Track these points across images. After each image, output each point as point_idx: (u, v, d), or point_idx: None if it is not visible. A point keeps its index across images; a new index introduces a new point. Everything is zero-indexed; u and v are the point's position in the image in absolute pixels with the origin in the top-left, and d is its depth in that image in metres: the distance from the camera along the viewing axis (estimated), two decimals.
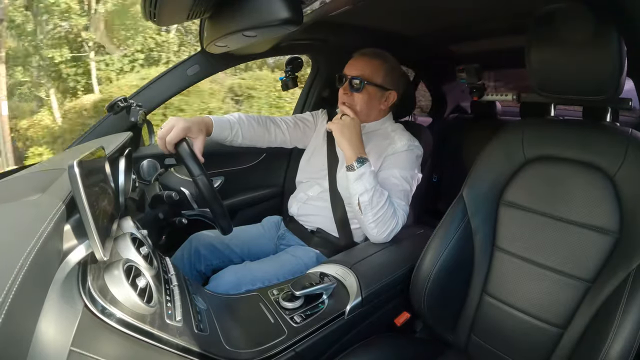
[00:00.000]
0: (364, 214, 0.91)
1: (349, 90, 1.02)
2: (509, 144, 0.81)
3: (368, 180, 0.90)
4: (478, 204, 0.82)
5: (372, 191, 0.89)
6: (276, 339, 0.68)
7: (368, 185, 0.90)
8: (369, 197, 0.89)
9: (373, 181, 0.91)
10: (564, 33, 0.65)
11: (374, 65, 1.01)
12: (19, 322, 0.32)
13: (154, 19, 0.71)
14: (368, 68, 1.01)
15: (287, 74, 1.38)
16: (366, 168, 0.91)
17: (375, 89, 1.02)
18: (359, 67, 1.01)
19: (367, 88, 1.01)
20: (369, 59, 1.02)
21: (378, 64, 1.02)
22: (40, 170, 0.64)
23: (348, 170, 0.93)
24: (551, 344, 0.70)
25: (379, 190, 0.91)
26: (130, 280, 0.48)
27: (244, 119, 1.03)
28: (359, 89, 1.01)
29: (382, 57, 1.03)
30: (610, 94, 0.66)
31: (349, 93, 1.02)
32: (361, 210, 0.91)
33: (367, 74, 1.00)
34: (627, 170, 0.66)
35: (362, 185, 0.90)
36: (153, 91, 1.12)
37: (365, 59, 1.02)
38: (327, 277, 0.81)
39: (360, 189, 0.90)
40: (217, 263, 1.04)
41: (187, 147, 0.78)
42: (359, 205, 0.91)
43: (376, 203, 0.90)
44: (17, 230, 0.38)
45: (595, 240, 0.68)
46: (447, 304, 0.83)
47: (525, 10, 0.71)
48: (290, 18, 0.68)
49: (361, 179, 0.90)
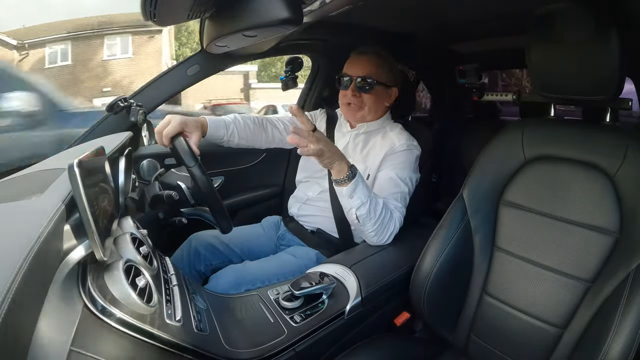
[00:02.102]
0: (362, 225, 0.89)
1: (357, 92, 1.00)
2: (508, 144, 0.81)
3: (363, 192, 0.85)
4: (478, 204, 0.82)
5: (368, 203, 0.85)
6: (276, 339, 0.68)
7: (363, 197, 0.85)
8: (366, 209, 0.86)
9: (367, 190, 0.86)
10: (564, 33, 0.66)
11: (377, 63, 1.00)
12: (19, 322, 0.32)
13: (154, 19, 0.71)
14: (373, 66, 0.99)
15: (287, 74, 1.38)
16: (358, 178, 0.85)
17: (381, 87, 1.01)
18: (364, 66, 1.00)
19: (375, 87, 0.99)
20: (371, 57, 1.01)
21: (380, 61, 1.01)
22: (40, 170, 0.64)
23: (339, 185, 0.85)
24: (551, 344, 0.70)
25: (374, 199, 0.88)
26: (130, 280, 0.48)
27: (239, 119, 1.03)
28: (367, 89, 0.99)
29: (381, 54, 1.03)
30: (610, 94, 0.66)
31: (357, 94, 1.00)
32: (360, 222, 0.88)
33: (373, 73, 0.99)
34: (627, 170, 0.66)
35: (358, 199, 0.85)
36: (153, 91, 1.12)
37: (367, 57, 1.01)
38: (327, 277, 0.80)
39: (356, 203, 0.85)
40: (217, 263, 1.04)
41: (182, 141, 0.79)
42: (357, 219, 0.88)
43: (374, 213, 0.87)
44: (17, 230, 0.38)
45: (595, 240, 0.68)
46: (447, 304, 0.83)
47: (525, 10, 0.71)
48: (290, 18, 0.68)
49: (355, 192, 0.85)
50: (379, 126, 1.08)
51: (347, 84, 1.01)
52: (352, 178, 0.84)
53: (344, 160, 0.85)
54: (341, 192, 0.86)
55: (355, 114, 1.04)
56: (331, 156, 0.82)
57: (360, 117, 1.05)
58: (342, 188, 0.85)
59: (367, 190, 0.87)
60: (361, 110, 1.02)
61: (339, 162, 0.84)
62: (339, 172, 0.85)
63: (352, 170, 0.85)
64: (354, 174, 0.85)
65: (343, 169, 0.84)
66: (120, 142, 0.76)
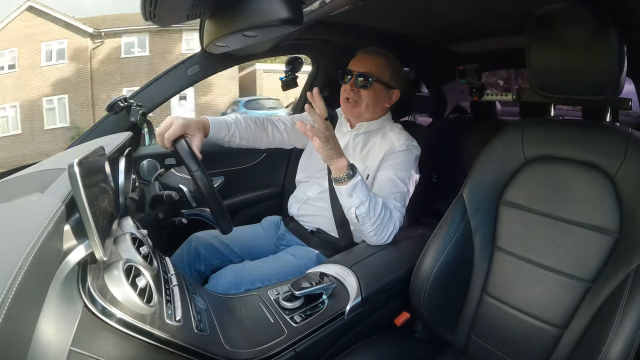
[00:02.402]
0: (362, 224, 0.89)
1: (355, 86, 1.02)
2: (508, 144, 0.81)
3: (362, 191, 0.85)
4: (478, 204, 0.82)
5: (367, 202, 0.85)
6: (276, 339, 0.68)
7: (363, 196, 0.85)
8: (365, 208, 0.86)
9: (366, 190, 0.86)
10: (564, 33, 0.66)
11: (381, 63, 1.02)
12: (19, 322, 0.32)
13: (153, 19, 0.71)
14: (375, 65, 1.01)
15: (287, 74, 1.38)
16: (358, 176, 0.85)
17: (381, 86, 1.02)
18: (366, 64, 1.01)
19: (374, 85, 1.01)
20: (376, 57, 1.03)
21: (384, 62, 1.02)
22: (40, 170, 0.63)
23: (338, 184, 0.85)
24: (551, 344, 0.70)
25: (374, 198, 0.88)
26: (130, 280, 0.48)
27: (240, 119, 1.03)
28: (366, 85, 1.01)
29: (388, 56, 1.04)
30: (610, 94, 0.66)
31: (355, 89, 1.02)
32: (359, 221, 0.88)
33: (374, 71, 1.00)
34: (627, 170, 0.65)
35: (357, 198, 0.85)
36: (153, 91, 1.12)
37: (372, 57, 1.03)
38: (327, 277, 0.80)
39: (355, 202, 0.85)
40: (217, 263, 1.04)
41: (185, 143, 0.78)
42: (356, 218, 0.88)
43: (373, 212, 0.87)
44: (17, 230, 0.38)
45: (595, 240, 0.68)
46: (447, 304, 0.83)
47: (525, 10, 0.71)
48: (290, 18, 0.68)
49: (355, 191, 0.85)
50: (379, 126, 1.08)
51: (348, 79, 1.02)
52: (352, 177, 0.84)
53: (343, 157, 0.85)
54: (340, 191, 0.87)
55: (352, 110, 1.05)
56: (335, 148, 0.82)
57: (357, 113, 1.05)
58: (342, 187, 0.85)
59: (366, 189, 0.87)
60: (358, 106, 1.03)
61: (339, 158, 0.84)
62: (338, 170, 0.85)
63: (352, 169, 0.85)
64: (353, 172, 0.85)
65: (343, 166, 0.84)
66: (120, 142, 0.75)
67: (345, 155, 0.86)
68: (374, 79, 1.00)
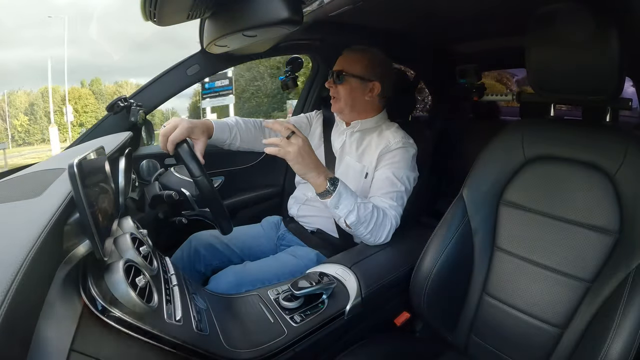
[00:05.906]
0: (355, 230, 0.89)
1: (333, 84, 1.06)
2: (508, 144, 0.81)
3: (348, 200, 0.84)
4: (478, 204, 0.82)
5: (355, 210, 0.84)
6: (276, 339, 0.68)
7: (350, 205, 0.84)
8: (355, 216, 0.85)
9: (352, 198, 0.85)
10: (563, 33, 0.65)
11: (354, 59, 1.04)
12: (19, 322, 0.32)
13: (154, 19, 0.71)
14: (348, 61, 1.05)
15: (287, 74, 1.39)
16: (340, 187, 0.84)
17: (356, 80, 1.03)
18: (341, 61, 1.06)
19: (347, 80, 1.03)
20: (352, 54, 1.06)
21: (358, 57, 1.05)
22: (40, 170, 0.64)
23: (323, 198, 0.85)
24: (551, 344, 0.70)
25: (362, 204, 0.87)
26: (130, 280, 0.48)
27: (241, 122, 1.03)
28: (340, 81, 1.04)
29: (363, 51, 1.06)
30: (610, 94, 0.66)
31: (333, 86, 1.06)
32: (352, 229, 0.88)
33: (346, 67, 1.04)
34: (627, 170, 0.65)
35: (345, 208, 0.84)
36: (153, 91, 1.12)
37: (348, 54, 1.06)
38: (327, 277, 0.80)
39: (343, 212, 0.84)
40: (217, 263, 1.04)
41: (188, 147, 0.77)
42: (348, 227, 0.88)
43: (364, 217, 0.86)
44: (17, 230, 0.38)
45: (595, 240, 0.68)
46: (447, 304, 0.83)
47: (525, 10, 0.71)
48: (290, 18, 0.68)
49: (340, 202, 0.84)
50: (375, 124, 1.09)
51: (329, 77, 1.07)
52: (334, 191, 0.83)
53: (321, 173, 0.83)
54: (326, 204, 0.86)
55: (334, 106, 1.08)
56: (304, 163, 0.80)
57: (338, 109, 1.08)
58: (326, 200, 0.85)
59: (352, 197, 0.85)
60: (338, 102, 1.06)
61: (315, 174, 0.82)
62: (317, 186, 0.84)
63: (333, 183, 0.84)
64: (334, 186, 0.84)
65: (321, 182, 0.83)
66: (120, 142, 0.75)
67: (324, 171, 0.84)
68: (344, 74, 1.03)
